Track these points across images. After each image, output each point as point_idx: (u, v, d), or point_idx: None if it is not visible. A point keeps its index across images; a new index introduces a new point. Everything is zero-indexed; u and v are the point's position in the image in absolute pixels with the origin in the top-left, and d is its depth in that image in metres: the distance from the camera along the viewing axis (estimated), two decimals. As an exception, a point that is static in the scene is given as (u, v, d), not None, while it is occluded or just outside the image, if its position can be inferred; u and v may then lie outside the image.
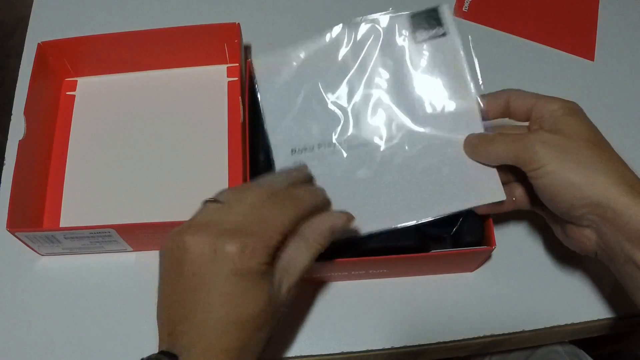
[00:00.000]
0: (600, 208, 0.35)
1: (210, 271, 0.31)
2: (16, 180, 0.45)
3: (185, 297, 0.32)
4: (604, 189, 0.34)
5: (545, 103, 0.38)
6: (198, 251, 0.32)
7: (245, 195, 0.34)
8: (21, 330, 0.45)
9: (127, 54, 0.53)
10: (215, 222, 0.32)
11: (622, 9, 0.61)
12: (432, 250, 0.43)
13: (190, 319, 0.32)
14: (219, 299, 0.31)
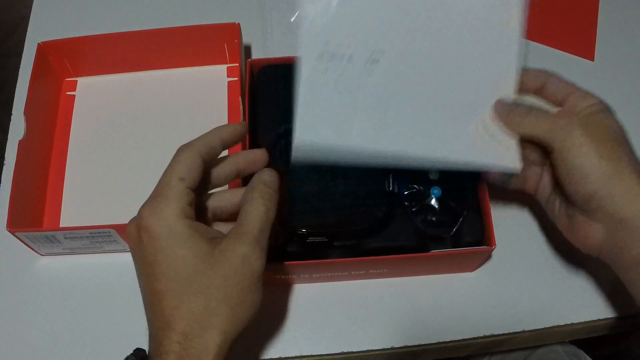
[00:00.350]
0: (620, 204, 0.35)
1: (140, 246, 0.33)
2: (16, 180, 0.45)
3: (140, 284, 0.34)
4: (630, 185, 0.35)
5: (582, 96, 0.39)
6: (132, 234, 0.33)
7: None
8: (21, 330, 0.45)
9: (127, 54, 0.53)
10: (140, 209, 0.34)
11: (622, 9, 0.61)
12: (432, 250, 0.43)
13: (145, 304, 0.34)
14: (152, 270, 0.32)
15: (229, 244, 0.32)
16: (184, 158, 0.34)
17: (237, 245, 0.32)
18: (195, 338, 0.31)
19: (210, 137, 0.36)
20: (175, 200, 0.32)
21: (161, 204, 0.32)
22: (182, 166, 0.34)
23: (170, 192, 0.33)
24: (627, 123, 0.55)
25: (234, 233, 0.33)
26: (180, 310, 0.31)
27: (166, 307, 0.31)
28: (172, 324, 0.31)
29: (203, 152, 0.35)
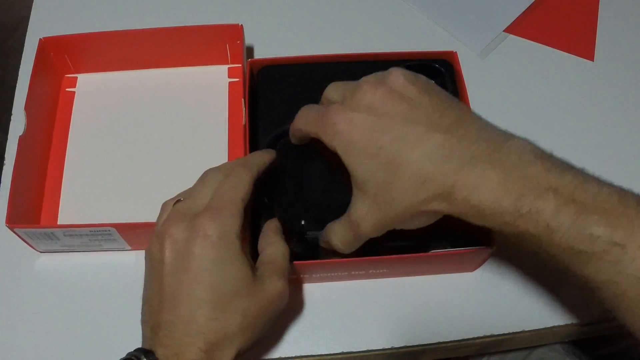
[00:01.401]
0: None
1: (190, 250, 0.33)
2: (16, 176, 0.44)
3: (166, 285, 0.33)
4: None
5: (324, 139, 0.35)
6: (179, 236, 0.33)
7: (204, 181, 0.37)
8: (18, 328, 0.45)
9: (129, 52, 0.53)
10: (188, 209, 0.35)
11: (622, 9, 0.61)
12: (432, 250, 0.43)
13: (168, 307, 0.33)
14: (196, 274, 0.32)
15: (268, 274, 0.35)
16: (247, 180, 0.36)
17: (277, 279, 0.35)
18: (219, 351, 0.32)
19: (261, 163, 0.39)
20: (239, 219, 0.34)
21: (228, 220, 0.34)
22: (245, 189, 0.35)
23: (236, 211, 0.34)
24: (627, 123, 0.55)
25: (269, 265, 0.36)
26: (216, 324, 0.32)
27: (202, 316, 0.32)
28: (205, 334, 0.32)
29: (256, 174, 0.37)
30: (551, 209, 0.30)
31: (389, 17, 0.60)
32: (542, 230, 0.30)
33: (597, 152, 0.53)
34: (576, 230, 0.29)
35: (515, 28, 0.60)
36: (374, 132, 0.32)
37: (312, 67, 0.49)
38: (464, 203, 0.31)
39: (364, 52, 0.49)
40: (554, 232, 0.30)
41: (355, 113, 0.33)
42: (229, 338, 0.32)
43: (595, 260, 0.29)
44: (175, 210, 0.35)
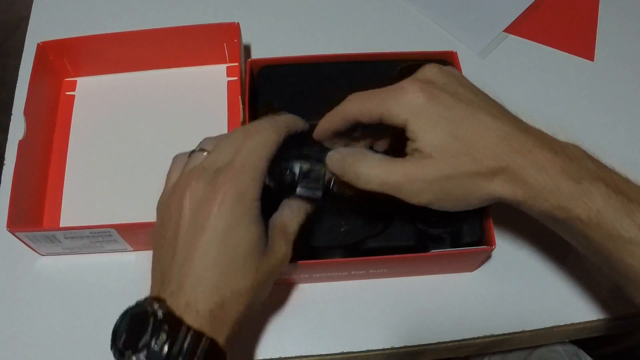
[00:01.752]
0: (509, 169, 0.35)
1: (208, 209, 0.33)
2: (16, 180, 0.45)
3: (180, 238, 0.33)
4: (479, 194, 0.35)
5: (388, 110, 0.36)
6: (200, 192, 0.33)
7: (230, 136, 0.36)
8: (21, 330, 0.45)
9: (127, 53, 0.53)
10: (211, 164, 0.34)
11: (622, 9, 0.61)
12: (432, 250, 0.43)
13: (180, 260, 0.33)
14: (211, 234, 0.32)
15: (276, 238, 0.35)
16: (273, 141, 0.35)
17: (283, 243, 0.36)
18: (230, 307, 0.33)
19: (292, 124, 0.37)
20: (258, 183, 0.34)
21: (249, 182, 0.33)
22: (270, 150, 0.35)
23: (258, 173, 0.34)
24: (626, 123, 0.55)
25: (277, 228, 0.36)
26: (230, 279, 0.33)
27: (215, 273, 0.32)
28: (219, 288, 0.32)
29: (283, 135, 0.36)
30: (602, 196, 0.32)
31: (389, 17, 0.60)
32: (594, 216, 0.32)
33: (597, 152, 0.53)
34: (625, 217, 0.32)
35: (515, 28, 0.60)
36: (448, 108, 0.35)
37: (311, 67, 0.49)
38: (526, 184, 0.34)
39: (364, 52, 0.49)
40: (604, 218, 0.32)
41: (430, 86, 0.35)
42: (239, 295, 0.33)
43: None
44: (199, 164, 0.35)
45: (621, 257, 0.32)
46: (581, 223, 0.33)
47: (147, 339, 0.31)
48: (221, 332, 0.32)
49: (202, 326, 0.31)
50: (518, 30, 0.60)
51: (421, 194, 0.35)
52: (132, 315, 0.33)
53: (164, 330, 0.30)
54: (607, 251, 0.33)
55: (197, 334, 0.31)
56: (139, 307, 0.32)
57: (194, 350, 0.30)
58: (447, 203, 0.35)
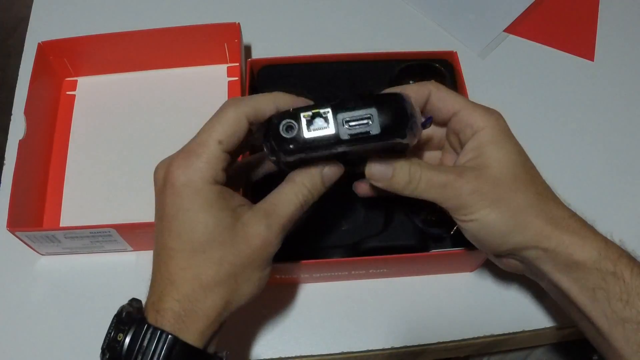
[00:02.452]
0: (528, 248, 0.34)
1: (162, 198, 0.31)
2: (16, 180, 0.45)
3: (155, 231, 0.32)
4: (534, 233, 0.33)
5: (468, 117, 0.35)
6: (160, 182, 0.32)
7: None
8: (21, 330, 0.45)
9: (127, 53, 0.53)
10: (177, 152, 0.33)
11: (622, 9, 0.61)
12: (432, 250, 0.43)
13: (154, 253, 0.32)
14: (166, 224, 0.31)
15: (254, 221, 0.32)
16: (228, 118, 0.32)
17: (262, 226, 0.32)
18: (196, 302, 0.31)
19: (263, 102, 0.33)
20: (209, 163, 0.31)
21: (193, 164, 0.31)
22: (223, 127, 0.32)
23: (204, 154, 0.31)
24: (626, 123, 0.55)
25: (262, 210, 0.32)
26: (188, 273, 0.31)
27: (174, 266, 0.31)
28: (177, 284, 0.31)
29: (251, 115, 0.32)
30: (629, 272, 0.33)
31: (389, 17, 0.60)
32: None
33: (597, 152, 0.53)
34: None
35: (515, 28, 0.60)
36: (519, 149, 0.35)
37: (312, 67, 0.49)
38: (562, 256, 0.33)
39: (364, 52, 0.49)
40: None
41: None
42: (205, 288, 0.31)
43: None
44: (169, 156, 0.33)
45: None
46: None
47: (109, 339, 0.31)
48: (190, 329, 0.30)
49: (163, 325, 0.30)
50: (518, 30, 0.60)
51: (475, 203, 0.33)
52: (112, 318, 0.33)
53: (122, 330, 0.31)
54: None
55: (157, 331, 0.30)
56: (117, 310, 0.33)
57: (156, 349, 0.30)
58: (481, 235, 0.34)
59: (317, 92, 0.47)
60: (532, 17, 0.61)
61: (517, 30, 0.60)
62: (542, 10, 0.61)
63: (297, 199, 0.33)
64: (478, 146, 0.34)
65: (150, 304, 0.31)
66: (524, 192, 0.34)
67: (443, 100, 0.36)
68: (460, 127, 0.35)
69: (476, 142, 0.35)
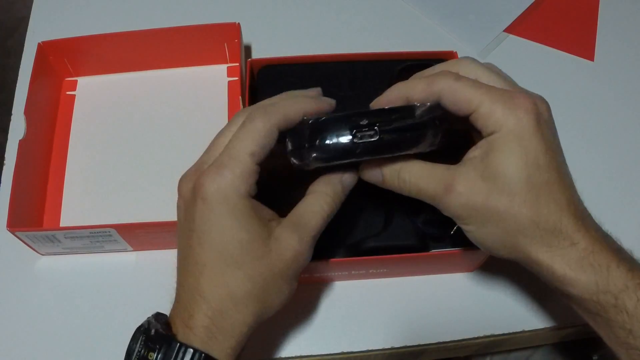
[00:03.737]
0: (522, 263, 0.33)
1: (193, 213, 0.31)
2: (16, 180, 0.45)
3: (179, 246, 0.32)
4: (524, 254, 0.32)
5: (484, 117, 0.31)
6: (187, 196, 0.32)
7: (225, 128, 0.33)
8: (21, 330, 0.45)
9: (127, 53, 0.53)
10: (201, 164, 0.32)
11: (622, 9, 0.61)
12: (432, 250, 0.43)
13: (179, 270, 0.32)
14: (197, 239, 0.31)
15: (285, 235, 0.32)
16: (259, 130, 0.31)
17: (294, 240, 0.32)
18: (228, 318, 0.31)
19: (292, 110, 0.32)
20: (243, 177, 0.31)
21: (227, 179, 0.30)
22: (256, 139, 0.31)
23: (238, 168, 0.30)
24: (626, 123, 0.55)
25: (292, 224, 0.32)
26: (221, 289, 0.31)
27: (207, 281, 0.31)
28: (208, 299, 0.30)
29: (281, 125, 0.32)
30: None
31: (389, 17, 0.60)
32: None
33: (597, 152, 0.53)
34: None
35: (515, 28, 0.60)
36: (544, 151, 0.32)
37: (312, 67, 0.49)
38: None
39: (364, 52, 0.49)
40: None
41: (540, 116, 0.32)
42: (237, 304, 0.31)
43: None
44: (192, 166, 0.33)
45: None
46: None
47: (139, 357, 0.30)
48: (220, 345, 0.30)
49: (194, 341, 0.30)
50: (518, 30, 0.60)
51: (466, 210, 0.32)
52: (134, 333, 0.32)
53: (152, 348, 0.30)
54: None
55: (189, 350, 0.29)
56: (141, 325, 0.32)
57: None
58: (486, 234, 0.33)
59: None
60: (532, 17, 0.61)
61: (517, 30, 0.60)
62: (542, 10, 0.61)
63: (324, 210, 0.33)
64: (485, 150, 0.32)
65: (180, 320, 0.31)
66: (518, 213, 0.31)
67: (457, 102, 0.32)
68: (477, 126, 0.32)
69: (485, 144, 0.32)
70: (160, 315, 0.32)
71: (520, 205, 0.31)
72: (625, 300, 0.30)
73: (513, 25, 0.60)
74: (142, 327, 0.31)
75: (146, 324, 0.31)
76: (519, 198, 0.31)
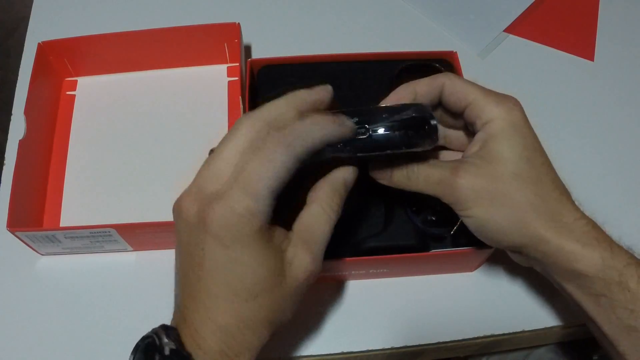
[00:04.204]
0: (528, 248, 0.34)
1: (201, 244, 0.29)
2: (16, 180, 0.45)
3: (182, 268, 0.31)
4: (532, 235, 0.33)
5: (479, 109, 0.34)
6: (192, 220, 0.29)
7: (232, 136, 0.30)
8: (21, 330, 0.45)
9: (127, 53, 0.53)
10: (203, 185, 0.30)
11: (622, 9, 0.61)
12: (432, 250, 0.43)
13: (185, 294, 0.31)
14: (210, 273, 0.29)
15: (299, 257, 0.31)
16: (280, 162, 0.28)
17: (307, 261, 0.31)
18: (243, 342, 0.30)
19: (316, 138, 0.30)
20: (262, 215, 0.28)
21: (243, 219, 0.28)
22: (276, 173, 0.28)
23: (255, 207, 0.28)
24: (626, 123, 0.55)
25: (302, 241, 0.31)
26: (235, 318, 0.30)
27: (221, 312, 0.30)
28: (223, 326, 0.29)
29: (303, 157, 0.29)
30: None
31: (389, 17, 0.60)
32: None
33: (597, 152, 0.53)
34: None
35: (515, 28, 0.60)
36: (533, 139, 0.34)
37: (312, 67, 0.49)
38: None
39: (364, 52, 0.49)
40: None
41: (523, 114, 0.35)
42: (253, 330, 0.30)
43: None
44: (195, 179, 0.30)
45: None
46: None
47: None
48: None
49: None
50: (518, 30, 0.60)
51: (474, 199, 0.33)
52: (144, 348, 0.30)
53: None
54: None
55: None
56: (148, 340, 0.30)
57: None
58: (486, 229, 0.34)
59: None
60: (532, 17, 0.61)
61: (517, 30, 0.60)
62: (542, 10, 0.61)
63: (331, 219, 0.32)
64: (484, 139, 0.34)
65: (192, 341, 0.30)
66: (524, 191, 0.33)
67: (455, 93, 0.35)
68: (471, 119, 0.35)
69: (483, 135, 0.34)
70: (170, 330, 0.30)
71: (526, 183, 0.33)
72: (628, 278, 0.32)
73: (513, 25, 0.60)
74: (151, 342, 0.29)
75: (156, 339, 0.29)
76: (524, 177, 0.33)
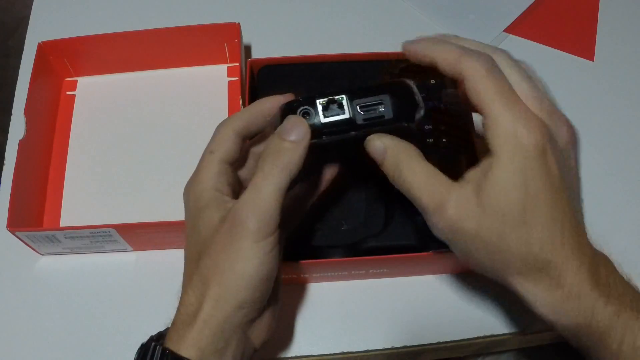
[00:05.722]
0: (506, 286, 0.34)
1: (201, 223, 0.33)
2: (16, 180, 0.45)
3: (188, 248, 0.34)
4: (510, 282, 0.32)
5: (490, 131, 0.30)
6: (190, 204, 0.34)
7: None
8: (21, 330, 0.45)
9: (127, 53, 0.53)
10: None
11: (622, 9, 0.61)
12: (432, 250, 0.43)
13: (188, 275, 0.33)
14: (213, 249, 0.32)
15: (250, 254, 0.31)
16: (216, 132, 0.35)
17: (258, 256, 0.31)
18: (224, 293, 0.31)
19: (247, 111, 0.36)
20: (204, 172, 0.34)
21: (193, 176, 0.35)
22: (213, 140, 0.35)
23: (200, 165, 0.35)
24: (626, 123, 0.55)
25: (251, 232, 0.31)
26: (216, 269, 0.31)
27: (204, 266, 0.32)
28: (208, 281, 0.31)
29: (238, 126, 0.35)
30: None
31: (389, 17, 0.60)
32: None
33: (597, 152, 0.53)
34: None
35: (515, 28, 0.60)
36: (553, 183, 0.30)
37: (312, 67, 0.49)
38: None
39: (364, 52, 0.49)
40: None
41: (549, 144, 0.31)
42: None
43: None
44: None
45: None
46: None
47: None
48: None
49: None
50: (518, 30, 0.60)
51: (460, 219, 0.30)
52: (140, 349, 0.33)
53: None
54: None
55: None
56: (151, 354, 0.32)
57: None
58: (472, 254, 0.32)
59: (317, 91, 0.47)
60: (532, 17, 0.61)
61: (517, 30, 0.60)
62: (542, 10, 0.61)
63: (276, 187, 0.31)
64: (484, 173, 0.30)
65: (189, 308, 0.32)
66: (507, 248, 0.30)
67: (476, 96, 0.30)
68: (484, 135, 0.31)
69: (486, 167, 0.30)
70: (160, 336, 0.33)
71: (512, 241, 0.30)
72: (608, 341, 0.30)
73: (513, 25, 0.60)
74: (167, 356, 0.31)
75: (159, 354, 0.32)
76: (511, 233, 0.30)
